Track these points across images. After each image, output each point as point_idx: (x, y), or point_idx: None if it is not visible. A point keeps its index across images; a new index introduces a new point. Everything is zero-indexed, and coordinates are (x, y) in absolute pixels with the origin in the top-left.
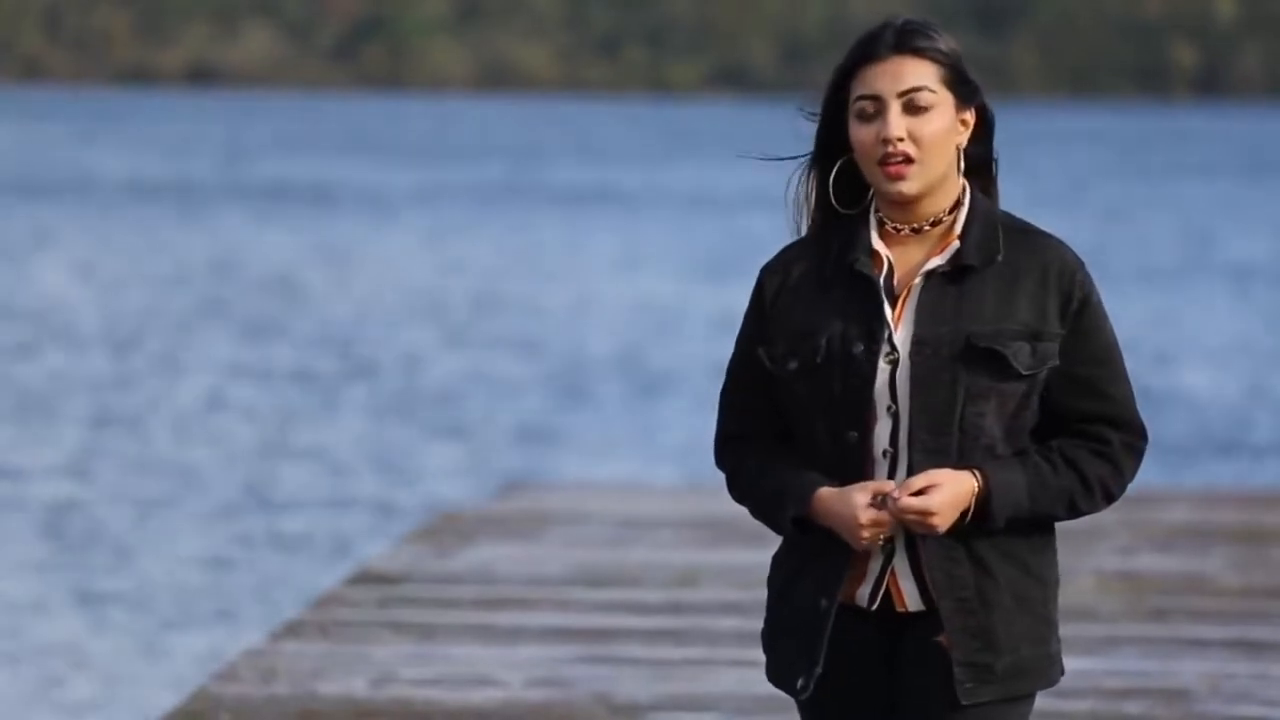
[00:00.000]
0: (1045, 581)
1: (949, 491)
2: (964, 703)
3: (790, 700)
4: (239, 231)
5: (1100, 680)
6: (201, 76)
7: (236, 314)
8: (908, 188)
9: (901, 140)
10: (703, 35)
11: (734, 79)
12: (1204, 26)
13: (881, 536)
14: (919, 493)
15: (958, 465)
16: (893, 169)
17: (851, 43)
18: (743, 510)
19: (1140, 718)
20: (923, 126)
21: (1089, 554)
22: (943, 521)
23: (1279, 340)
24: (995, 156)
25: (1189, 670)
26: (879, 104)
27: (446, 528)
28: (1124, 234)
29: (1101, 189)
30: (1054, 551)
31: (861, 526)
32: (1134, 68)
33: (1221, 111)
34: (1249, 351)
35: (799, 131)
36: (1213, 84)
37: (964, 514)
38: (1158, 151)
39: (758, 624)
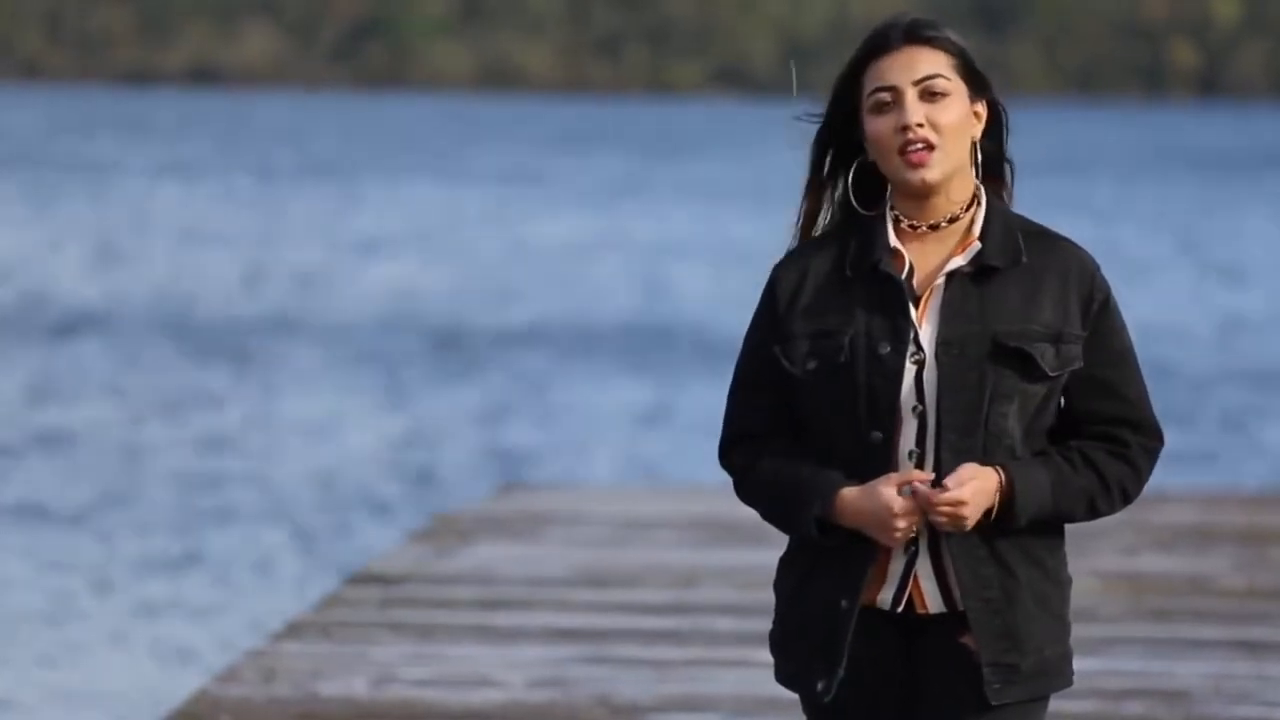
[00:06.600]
0: (1060, 582)
1: (978, 484)
2: (993, 703)
3: (792, 701)
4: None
5: (1101, 681)
6: (202, 77)
7: (232, 309)
8: (929, 175)
9: (921, 126)
10: (703, 35)
11: (735, 79)
12: (1204, 27)
13: (912, 530)
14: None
15: (981, 464)
16: (914, 156)
17: (857, 44)
18: (743, 511)
19: (1141, 718)
20: (940, 113)
21: (1090, 554)
22: (971, 515)
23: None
24: (1010, 159)
25: (1190, 671)
26: (895, 94)
27: (446, 528)
28: (1115, 233)
29: (1096, 187)
30: (1065, 552)
31: (896, 517)
32: (1134, 68)
33: (1221, 112)
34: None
35: (804, 137)
36: (1213, 85)
37: (988, 512)
38: (1157, 151)
39: (758, 625)
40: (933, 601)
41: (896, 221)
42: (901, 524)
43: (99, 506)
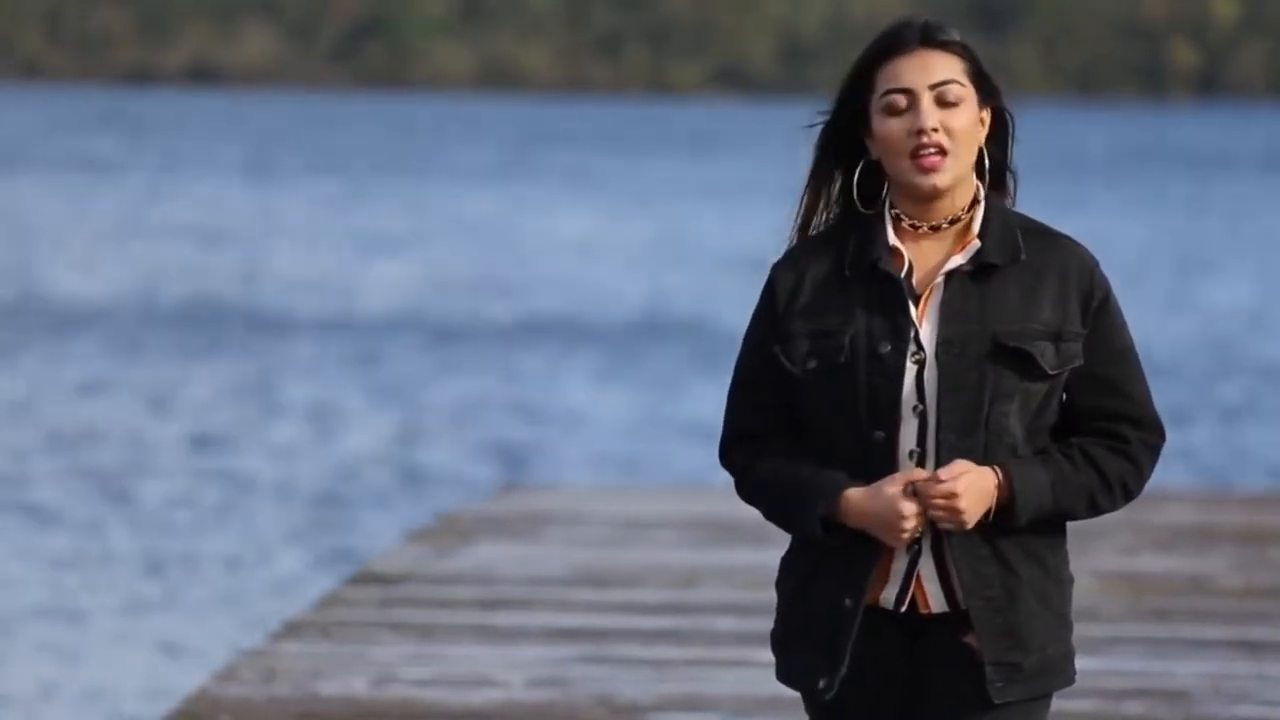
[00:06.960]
0: (1062, 580)
1: (973, 479)
2: (995, 701)
3: (794, 701)
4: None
5: (1101, 680)
6: (202, 76)
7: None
8: (941, 180)
9: (936, 131)
10: (703, 35)
11: (735, 79)
12: (1204, 27)
13: (918, 531)
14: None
15: (982, 464)
16: (927, 161)
17: (858, 44)
18: (743, 511)
19: (1140, 718)
20: (954, 119)
21: (1090, 554)
22: (970, 512)
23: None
24: (1014, 168)
25: (1190, 671)
26: (910, 96)
27: (447, 528)
28: (1114, 233)
29: (1095, 187)
30: (1067, 551)
31: (902, 518)
32: (1134, 68)
33: (1221, 112)
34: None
35: (811, 137)
36: (1212, 85)
37: (988, 512)
38: (1156, 151)
39: (758, 624)
40: (935, 601)
41: (896, 220)
42: (908, 525)
43: (99, 506)
